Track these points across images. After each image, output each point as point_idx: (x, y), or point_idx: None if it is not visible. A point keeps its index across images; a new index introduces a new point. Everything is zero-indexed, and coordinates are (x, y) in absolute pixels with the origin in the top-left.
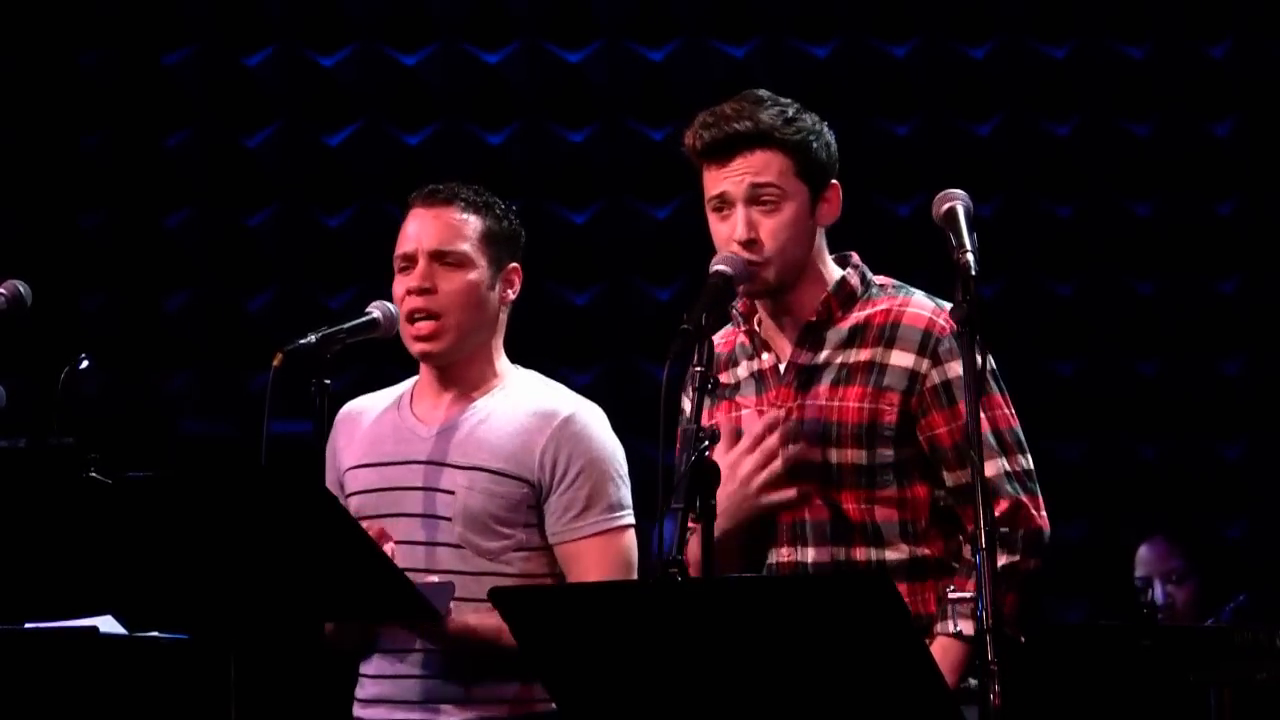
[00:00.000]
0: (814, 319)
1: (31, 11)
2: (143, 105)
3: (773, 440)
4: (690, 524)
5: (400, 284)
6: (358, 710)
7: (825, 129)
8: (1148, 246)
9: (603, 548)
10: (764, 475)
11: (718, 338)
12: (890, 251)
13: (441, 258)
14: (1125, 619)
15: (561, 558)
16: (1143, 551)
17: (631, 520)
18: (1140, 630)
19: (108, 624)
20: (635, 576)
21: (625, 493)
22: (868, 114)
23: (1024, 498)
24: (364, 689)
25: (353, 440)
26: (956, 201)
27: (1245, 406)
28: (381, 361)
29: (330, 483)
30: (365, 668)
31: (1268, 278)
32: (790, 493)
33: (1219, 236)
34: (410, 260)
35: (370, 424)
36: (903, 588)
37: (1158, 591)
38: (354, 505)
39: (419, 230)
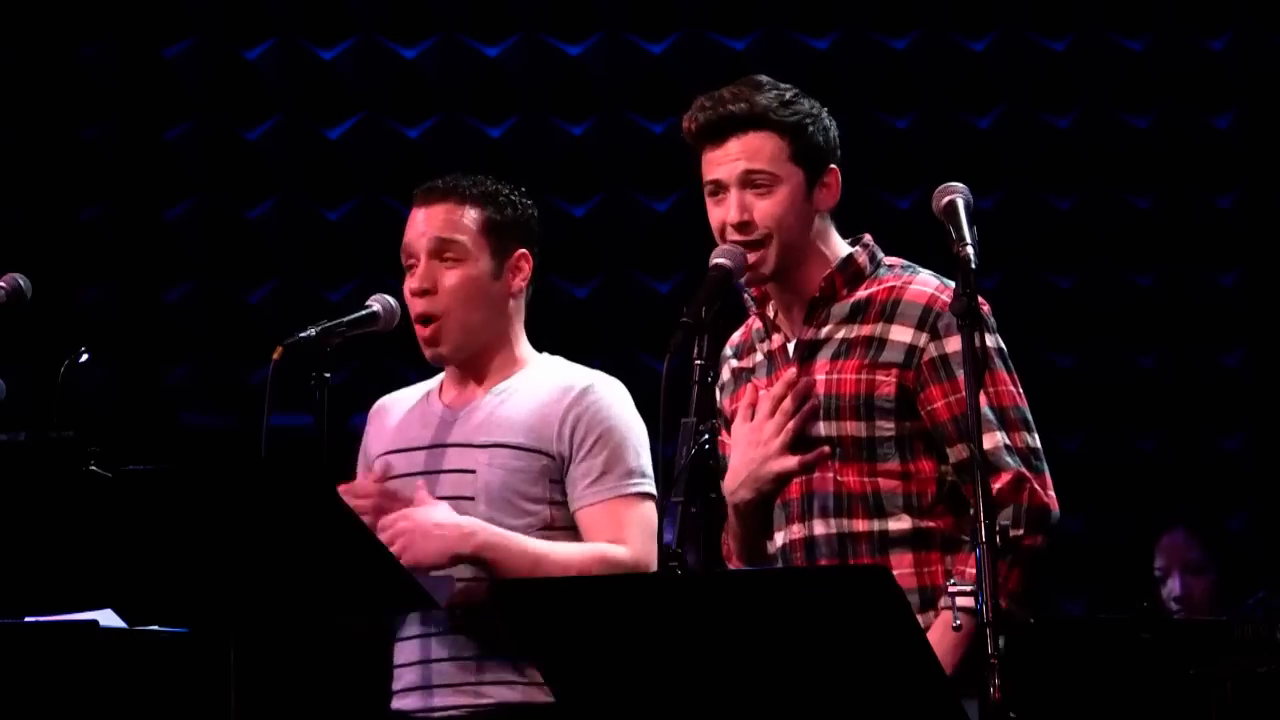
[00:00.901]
0: (817, 295)
1: (32, 4)
2: (143, 98)
3: (789, 402)
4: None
5: (406, 285)
6: (395, 702)
7: (824, 114)
8: (1148, 239)
9: (618, 511)
10: (783, 436)
11: (739, 330)
12: (890, 245)
13: (440, 254)
14: (1126, 611)
15: (580, 523)
16: (1163, 541)
17: (650, 489)
18: (1141, 623)
19: (108, 618)
20: (655, 544)
21: (644, 462)
22: (868, 107)
23: (1027, 472)
24: (398, 680)
25: (383, 429)
26: (956, 195)
27: (1245, 399)
28: (381, 355)
29: (361, 468)
30: (397, 657)
31: (1267, 270)
32: (808, 456)
33: (1219, 229)
34: (412, 258)
35: (400, 413)
36: (908, 558)
37: (1175, 582)
38: None
39: (418, 229)
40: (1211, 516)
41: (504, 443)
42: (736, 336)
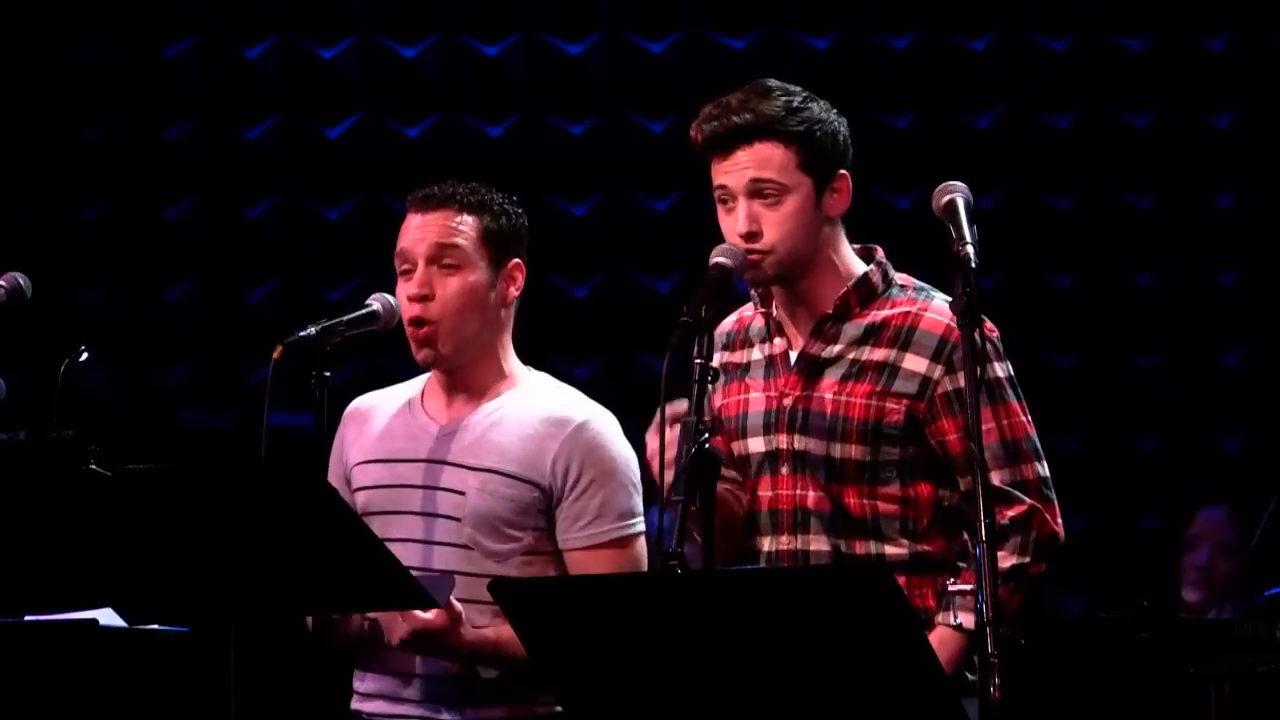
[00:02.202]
0: (830, 311)
1: (32, 4)
2: (143, 97)
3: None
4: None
5: (401, 290)
6: (355, 703)
7: (834, 117)
8: (1147, 239)
9: (614, 556)
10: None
11: (730, 317)
12: (890, 244)
13: (438, 261)
14: (1126, 611)
15: (571, 565)
16: (1202, 514)
17: (642, 528)
18: (1141, 623)
19: (107, 617)
20: None
21: (637, 501)
22: (867, 106)
23: (1039, 504)
24: (364, 682)
25: (361, 435)
26: (956, 194)
27: (1245, 398)
28: (381, 354)
29: (334, 476)
30: (363, 661)
31: (1267, 270)
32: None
33: (1218, 228)
34: (409, 265)
35: (380, 420)
36: (900, 581)
37: (1203, 554)
38: (361, 500)
39: (415, 236)
40: (1256, 509)
41: (496, 469)
42: (728, 324)
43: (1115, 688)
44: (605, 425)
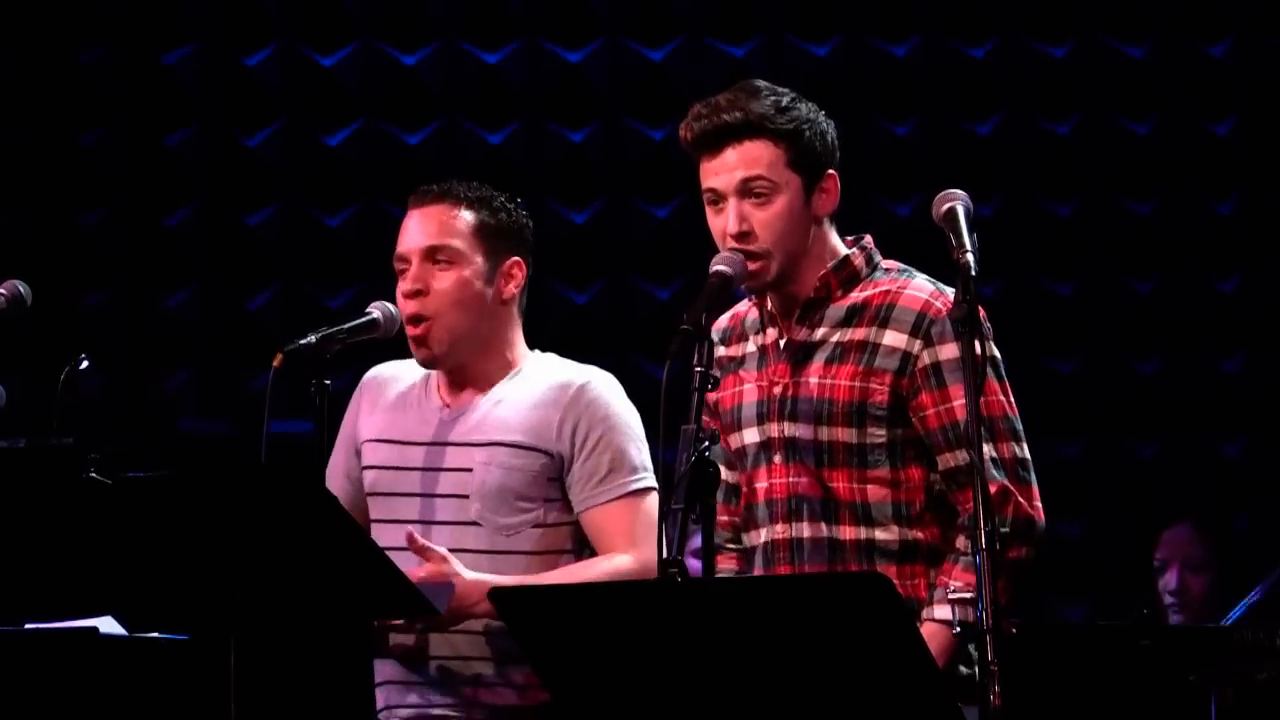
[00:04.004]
0: (813, 296)
1: (31, 9)
2: (143, 104)
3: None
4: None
5: (399, 287)
6: (381, 698)
7: (821, 118)
8: (1147, 246)
9: (628, 511)
10: None
11: (725, 313)
12: (890, 251)
13: (433, 256)
14: (1126, 618)
15: (587, 524)
16: (1167, 535)
17: (653, 481)
18: (1140, 630)
19: (108, 625)
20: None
21: (645, 455)
22: (868, 113)
23: (1010, 484)
24: (378, 673)
25: (375, 410)
26: (956, 201)
27: (1245, 405)
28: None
29: (344, 441)
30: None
31: (1267, 277)
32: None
33: (1218, 235)
34: (405, 262)
35: (394, 398)
36: (892, 570)
37: (1173, 575)
38: (368, 479)
39: (412, 231)
40: (1220, 517)
41: (502, 441)
42: (724, 321)
43: (1115, 695)
44: (606, 384)
